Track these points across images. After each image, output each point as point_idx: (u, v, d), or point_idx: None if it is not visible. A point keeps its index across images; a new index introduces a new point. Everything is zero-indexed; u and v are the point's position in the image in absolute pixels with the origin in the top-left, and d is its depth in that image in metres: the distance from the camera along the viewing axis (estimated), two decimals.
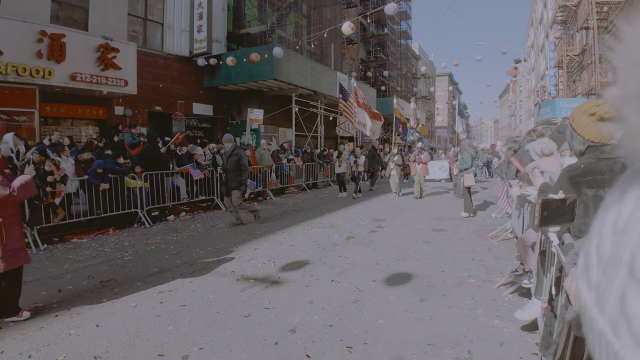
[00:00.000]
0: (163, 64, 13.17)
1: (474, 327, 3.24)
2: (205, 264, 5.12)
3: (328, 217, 8.49)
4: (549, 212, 1.85)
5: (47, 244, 6.23)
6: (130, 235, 7.03)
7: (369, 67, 28.96)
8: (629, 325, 0.33)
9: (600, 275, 0.37)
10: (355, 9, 25.28)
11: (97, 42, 9.71)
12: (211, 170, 9.90)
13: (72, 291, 4.21)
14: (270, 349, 2.94)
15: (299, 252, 5.69)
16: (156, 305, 3.77)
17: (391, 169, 11.88)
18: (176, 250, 5.86)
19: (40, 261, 5.40)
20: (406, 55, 36.97)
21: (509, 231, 6.33)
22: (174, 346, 2.98)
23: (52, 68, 8.78)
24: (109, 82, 9.93)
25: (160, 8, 13.34)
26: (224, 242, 6.32)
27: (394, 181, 11.87)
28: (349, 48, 25.03)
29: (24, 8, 8.70)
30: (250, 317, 3.49)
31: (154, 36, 13.29)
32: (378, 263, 5.10)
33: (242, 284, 4.35)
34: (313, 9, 19.78)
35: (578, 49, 20.07)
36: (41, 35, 8.59)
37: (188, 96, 14.16)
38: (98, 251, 5.90)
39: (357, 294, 4.04)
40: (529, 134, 4.90)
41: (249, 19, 15.99)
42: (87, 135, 10.50)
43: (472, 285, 4.25)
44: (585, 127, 2.12)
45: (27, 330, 3.28)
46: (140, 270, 4.90)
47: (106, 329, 3.28)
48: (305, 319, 3.45)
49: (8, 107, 8.50)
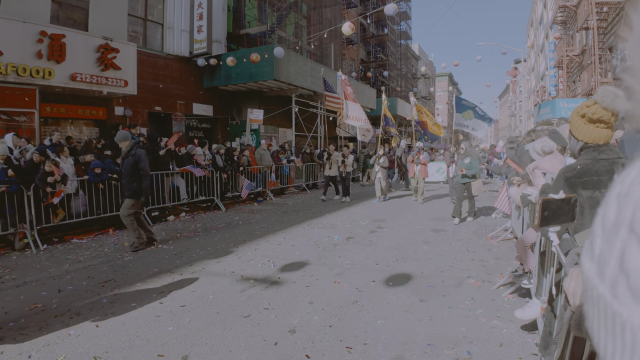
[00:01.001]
0: (163, 65, 13.18)
1: (474, 328, 3.24)
2: (205, 265, 5.12)
3: (328, 218, 8.49)
4: (550, 212, 1.86)
5: (47, 244, 6.23)
6: (130, 235, 7.02)
7: (369, 68, 28.97)
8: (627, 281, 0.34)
9: (603, 243, 0.38)
10: (355, 9, 25.29)
11: (97, 42, 9.71)
12: (211, 171, 9.90)
13: (72, 291, 4.21)
14: (270, 349, 2.94)
15: (298, 252, 5.69)
16: (156, 306, 3.77)
17: (376, 171, 11.00)
18: (176, 251, 5.86)
19: (40, 261, 5.40)
20: (406, 55, 36.97)
21: (509, 232, 6.33)
22: (173, 346, 2.98)
23: (52, 68, 8.78)
24: (109, 83, 9.93)
25: (160, 8, 13.34)
26: (224, 243, 6.32)
27: (378, 185, 11.03)
28: (349, 48, 25.03)
29: (24, 8, 8.70)
30: (250, 318, 3.49)
31: (154, 36, 13.29)
32: (378, 263, 5.10)
33: (241, 285, 4.35)
34: (313, 10, 19.78)
35: (578, 49, 20.09)
36: (41, 35, 8.60)
37: (188, 96, 14.16)
38: (98, 251, 5.90)
39: (356, 294, 4.04)
40: (529, 134, 4.89)
41: (249, 20, 16.00)
42: (88, 136, 10.50)
43: (472, 285, 4.25)
44: (577, 128, 2.14)
45: (26, 330, 3.28)
46: (140, 271, 4.90)
47: (106, 329, 3.28)
48: (304, 319, 3.45)
49: (8, 107, 8.50)
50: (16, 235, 6.08)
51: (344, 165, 10.96)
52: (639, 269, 0.33)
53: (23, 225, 6.08)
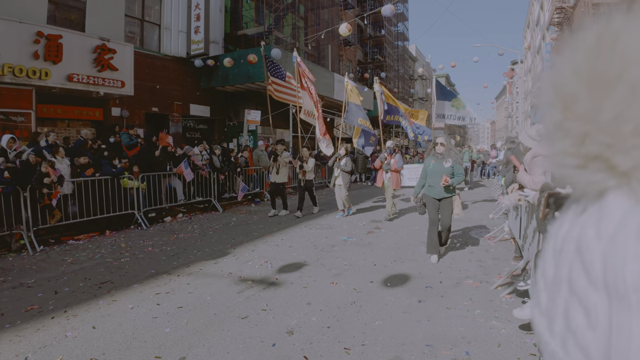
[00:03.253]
0: (160, 65, 13.14)
1: (472, 328, 3.24)
2: (203, 266, 5.10)
3: (325, 219, 8.48)
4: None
5: (43, 246, 6.19)
6: (127, 236, 7.00)
7: (366, 69, 29.02)
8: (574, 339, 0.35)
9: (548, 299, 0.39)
10: (352, 10, 25.33)
11: (94, 43, 9.68)
12: (209, 171, 9.88)
13: (68, 293, 4.18)
14: (268, 350, 2.93)
15: (296, 253, 5.68)
16: (153, 307, 3.75)
17: (336, 176, 8.57)
18: (173, 252, 5.84)
19: (37, 263, 5.37)
20: (403, 56, 37.06)
21: (506, 232, 6.35)
22: (171, 348, 2.97)
23: (48, 69, 8.75)
24: (105, 83, 9.90)
25: (157, 9, 13.31)
26: (221, 244, 6.30)
27: (340, 194, 8.58)
28: (346, 49, 25.07)
29: (20, 9, 8.66)
30: (248, 319, 3.48)
31: (151, 37, 13.26)
32: (376, 264, 5.10)
33: (239, 286, 4.34)
34: (310, 11, 19.81)
35: None
36: (38, 36, 8.56)
37: (185, 97, 14.12)
38: (95, 253, 5.88)
39: (354, 295, 4.03)
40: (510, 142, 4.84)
41: (246, 21, 15.99)
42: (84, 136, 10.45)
43: (470, 286, 4.26)
44: None
45: (23, 332, 3.26)
46: (137, 272, 4.88)
47: (103, 330, 3.27)
48: (302, 320, 3.45)
49: (5, 108, 8.45)
50: (12, 237, 6.05)
51: (303, 172, 8.73)
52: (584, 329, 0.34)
53: (19, 227, 6.04)
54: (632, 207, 0.32)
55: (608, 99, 0.32)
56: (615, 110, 0.31)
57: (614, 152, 0.32)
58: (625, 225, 0.31)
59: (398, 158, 8.19)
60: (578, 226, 0.36)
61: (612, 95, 0.31)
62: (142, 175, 8.17)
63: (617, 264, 0.31)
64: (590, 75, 0.33)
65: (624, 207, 0.32)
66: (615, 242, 0.31)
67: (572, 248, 0.35)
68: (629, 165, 0.32)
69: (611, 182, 0.33)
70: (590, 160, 0.34)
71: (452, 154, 5.20)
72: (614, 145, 0.32)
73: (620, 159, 0.32)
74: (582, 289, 0.33)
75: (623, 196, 0.33)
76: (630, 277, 0.30)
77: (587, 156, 0.34)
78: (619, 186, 0.33)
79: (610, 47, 0.32)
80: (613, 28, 0.33)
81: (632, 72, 0.31)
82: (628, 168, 0.32)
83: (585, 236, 0.34)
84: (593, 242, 0.33)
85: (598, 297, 0.32)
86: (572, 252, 0.35)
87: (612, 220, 0.32)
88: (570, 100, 0.35)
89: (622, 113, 0.31)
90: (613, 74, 0.31)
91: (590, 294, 0.32)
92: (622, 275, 0.30)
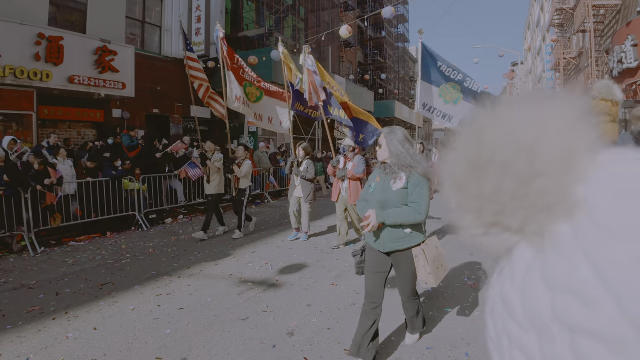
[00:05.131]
0: (161, 67, 13.17)
1: (472, 330, 3.25)
2: (203, 267, 5.11)
3: (326, 220, 8.49)
4: None
5: (44, 247, 6.20)
6: (127, 238, 7.01)
7: (367, 70, 29.03)
8: None
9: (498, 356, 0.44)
10: (353, 12, 25.36)
11: (95, 44, 9.70)
12: None
13: (69, 294, 4.20)
14: (268, 352, 2.94)
15: (297, 255, 5.69)
16: (154, 309, 3.76)
17: (297, 185, 6.49)
18: (174, 254, 5.85)
19: (38, 264, 5.38)
20: (404, 58, 37.10)
21: None
22: (172, 349, 2.98)
23: (50, 71, 8.77)
24: (106, 85, 9.92)
25: (158, 11, 13.36)
26: (222, 246, 6.31)
27: (293, 208, 6.62)
28: (346, 51, 25.09)
29: (22, 11, 8.70)
30: (248, 320, 3.49)
31: (152, 39, 13.30)
32: None
33: (240, 287, 4.35)
34: (311, 12, 19.84)
35: (575, 51, 20.22)
36: (39, 37, 8.59)
37: (186, 99, 14.14)
38: (96, 254, 5.89)
39: (355, 297, 4.04)
40: None
41: (247, 22, 16.02)
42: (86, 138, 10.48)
43: (469, 287, 4.27)
44: None
45: (24, 333, 3.27)
46: (138, 274, 4.89)
47: (104, 332, 3.28)
48: (303, 322, 3.46)
49: (6, 109, 8.48)
50: (14, 238, 6.06)
51: (236, 179, 6.84)
52: None
53: (21, 228, 6.06)
54: (533, 254, 0.38)
55: (487, 178, 0.40)
56: (494, 185, 0.39)
57: (505, 216, 0.40)
58: (531, 270, 0.38)
59: (358, 161, 5.80)
60: (500, 283, 0.43)
61: (489, 175, 0.39)
62: (142, 177, 8.19)
63: (532, 303, 0.37)
64: (470, 163, 0.41)
65: (527, 256, 0.39)
66: (526, 285, 0.38)
67: (499, 302, 0.42)
68: (519, 223, 0.39)
69: (513, 239, 0.41)
70: (491, 227, 0.42)
71: (408, 161, 2.57)
72: (502, 211, 0.39)
73: (511, 220, 0.39)
74: (516, 334, 0.39)
75: (525, 248, 0.40)
76: (545, 310, 0.35)
77: (487, 224, 0.42)
78: (520, 241, 0.40)
79: (480, 138, 0.41)
80: (480, 122, 0.42)
81: (500, 156, 0.39)
82: (519, 225, 0.39)
83: (505, 289, 0.41)
84: (511, 291, 0.40)
85: (529, 337, 0.37)
86: (500, 306, 0.41)
87: (520, 269, 0.39)
88: (462, 184, 0.43)
89: (499, 186, 0.39)
90: (485, 159, 0.40)
91: (523, 336, 0.38)
92: (538, 311, 0.36)
